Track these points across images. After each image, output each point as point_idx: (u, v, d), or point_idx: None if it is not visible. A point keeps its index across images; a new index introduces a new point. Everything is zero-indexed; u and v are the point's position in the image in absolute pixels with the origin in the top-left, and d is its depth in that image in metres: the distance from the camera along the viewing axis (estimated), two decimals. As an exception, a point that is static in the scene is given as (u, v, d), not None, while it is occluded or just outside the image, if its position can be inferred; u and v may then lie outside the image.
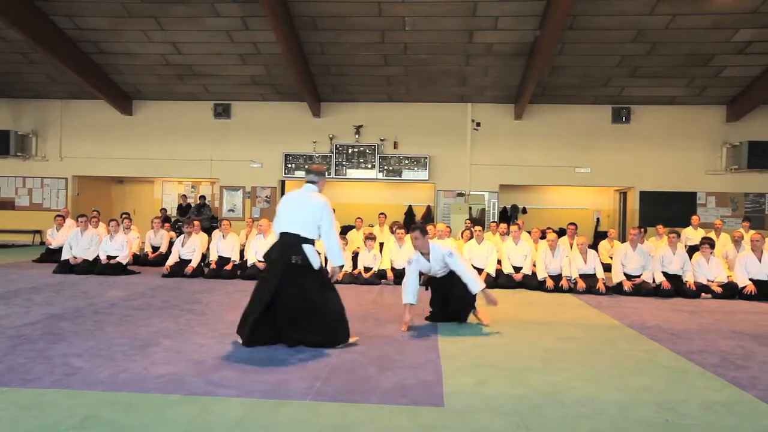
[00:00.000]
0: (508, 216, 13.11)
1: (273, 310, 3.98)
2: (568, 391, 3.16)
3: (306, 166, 10.41)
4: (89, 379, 3.16)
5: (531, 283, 7.40)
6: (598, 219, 13.81)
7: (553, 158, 12.31)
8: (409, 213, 13.25)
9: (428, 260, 4.85)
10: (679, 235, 7.65)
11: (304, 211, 4.14)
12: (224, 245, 8.13)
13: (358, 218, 10.23)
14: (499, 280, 7.56)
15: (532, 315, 5.56)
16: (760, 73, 10.74)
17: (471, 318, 5.08)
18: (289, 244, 4.06)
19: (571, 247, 8.02)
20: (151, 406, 2.77)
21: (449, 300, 4.98)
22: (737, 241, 8.24)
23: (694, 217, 9.96)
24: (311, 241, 4.11)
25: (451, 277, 4.88)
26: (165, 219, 11.99)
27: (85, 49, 11.18)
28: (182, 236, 8.33)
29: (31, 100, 13.31)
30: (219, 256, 8.08)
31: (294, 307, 3.97)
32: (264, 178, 12.89)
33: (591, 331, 4.83)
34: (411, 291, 4.74)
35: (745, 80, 11.10)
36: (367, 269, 7.77)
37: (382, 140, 12.54)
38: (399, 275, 7.67)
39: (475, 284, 4.77)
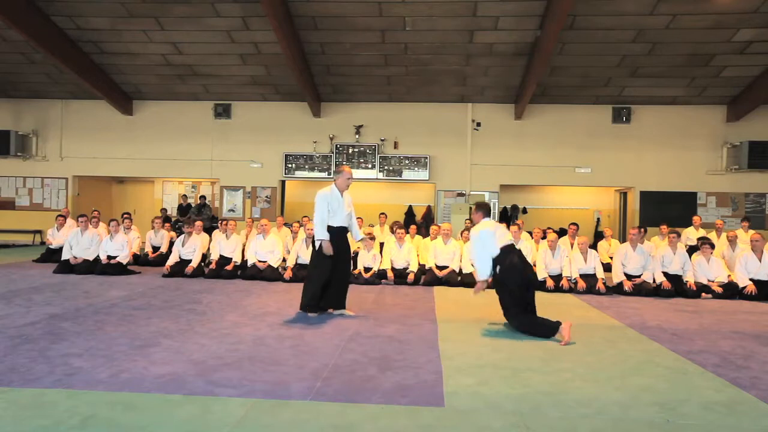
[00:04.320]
0: (508, 216, 13.11)
1: None
2: (568, 391, 3.16)
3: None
4: (90, 378, 3.16)
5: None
6: (598, 219, 13.81)
7: (554, 158, 12.31)
8: (410, 213, 13.24)
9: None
10: (679, 235, 7.65)
11: None
12: (227, 245, 8.14)
13: (359, 218, 10.17)
14: (499, 280, 7.55)
15: (533, 315, 5.55)
16: (761, 73, 10.74)
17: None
18: None
19: (572, 247, 8.02)
20: (152, 406, 2.77)
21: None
22: (732, 241, 8.23)
23: (696, 218, 9.98)
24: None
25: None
26: (165, 219, 12.00)
27: (86, 49, 11.19)
28: (182, 236, 8.33)
29: (32, 100, 13.31)
30: (220, 256, 8.09)
31: None
32: (264, 178, 12.89)
33: (591, 331, 4.82)
34: None
35: (745, 80, 11.10)
36: (367, 269, 7.77)
37: (382, 140, 12.54)
38: (399, 275, 7.68)
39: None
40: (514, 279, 4.69)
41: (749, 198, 12.10)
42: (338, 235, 5.29)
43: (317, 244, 5.25)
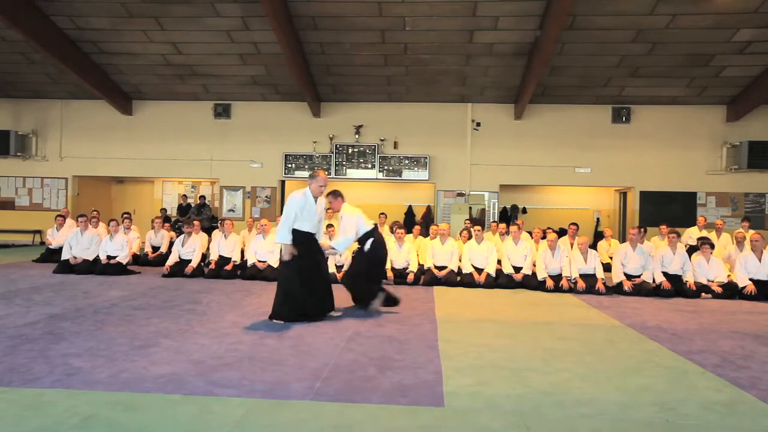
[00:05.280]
0: (508, 216, 13.11)
1: None
2: (568, 391, 3.16)
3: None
4: (89, 379, 3.16)
5: (531, 283, 7.39)
6: (598, 219, 13.81)
7: (553, 158, 12.32)
8: (409, 213, 13.25)
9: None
10: (679, 235, 7.65)
11: None
12: (226, 245, 8.14)
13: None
14: (499, 280, 7.56)
15: (533, 315, 5.56)
16: (760, 73, 10.74)
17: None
18: None
19: (572, 247, 8.02)
20: (151, 406, 2.77)
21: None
22: (740, 242, 8.21)
23: (700, 218, 9.96)
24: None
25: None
26: (165, 219, 11.99)
27: (86, 49, 11.19)
28: (182, 236, 8.33)
29: (31, 100, 13.31)
30: (219, 256, 8.09)
31: None
32: (264, 178, 12.89)
33: (591, 331, 4.82)
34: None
35: (745, 80, 11.10)
36: (367, 269, 7.75)
37: (382, 140, 12.54)
38: (399, 275, 7.68)
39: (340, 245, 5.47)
40: (379, 253, 5.59)
41: (749, 198, 12.10)
42: (308, 240, 5.10)
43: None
